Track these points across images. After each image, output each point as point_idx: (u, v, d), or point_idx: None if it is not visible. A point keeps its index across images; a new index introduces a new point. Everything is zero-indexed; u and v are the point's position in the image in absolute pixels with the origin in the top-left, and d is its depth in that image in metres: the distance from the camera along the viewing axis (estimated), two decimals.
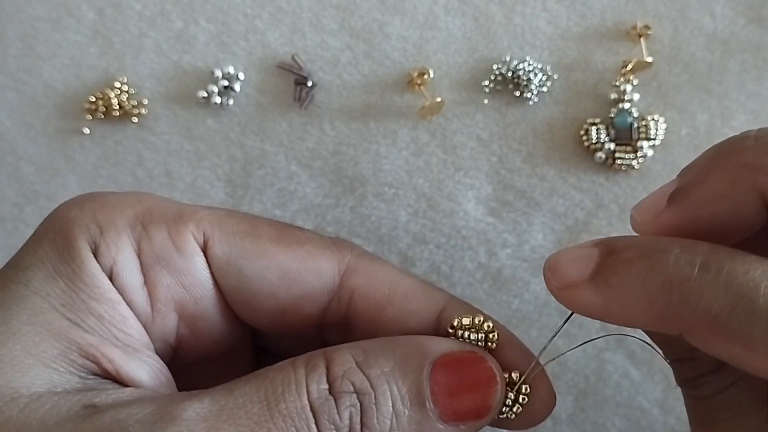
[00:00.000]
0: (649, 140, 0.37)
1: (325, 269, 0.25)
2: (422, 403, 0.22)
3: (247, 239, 0.25)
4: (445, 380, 0.22)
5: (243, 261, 0.25)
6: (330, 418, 0.21)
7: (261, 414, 0.21)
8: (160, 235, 0.24)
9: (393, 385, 0.22)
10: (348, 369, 0.22)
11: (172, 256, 0.24)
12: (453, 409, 0.22)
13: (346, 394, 0.22)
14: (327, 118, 0.38)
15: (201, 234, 0.25)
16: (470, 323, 0.24)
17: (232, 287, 0.25)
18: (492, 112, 0.38)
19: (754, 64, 0.37)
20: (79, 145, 0.39)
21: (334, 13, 0.38)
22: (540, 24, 0.38)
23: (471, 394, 0.23)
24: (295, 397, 0.21)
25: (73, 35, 0.39)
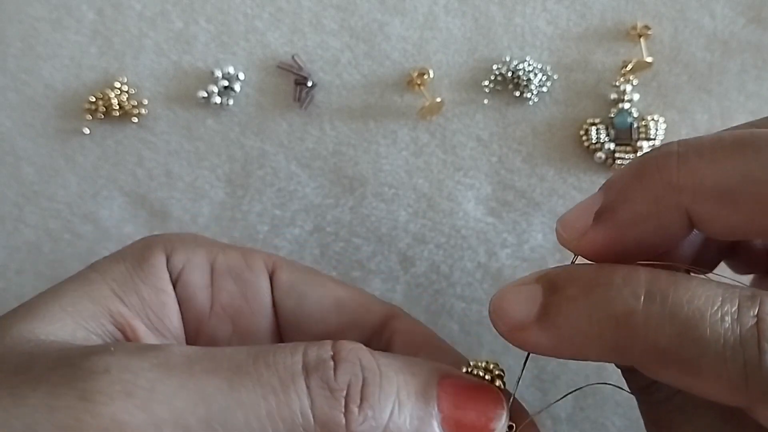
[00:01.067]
0: (649, 140, 0.37)
1: (373, 307, 0.28)
2: (428, 402, 0.22)
3: (311, 273, 0.28)
4: (453, 392, 0.22)
5: (304, 287, 0.27)
6: (324, 376, 0.21)
7: (244, 362, 0.20)
8: (235, 254, 0.27)
9: (401, 376, 0.22)
10: (359, 348, 0.22)
11: (242, 269, 0.27)
12: (456, 419, 0.22)
13: (350, 362, 0.21)
14: (327, 118, 0.38)
15: (271, 263, 0.27)
16: (485, 364, 0.24)
17: (290, 309, 0.27)
18: (492, 112, 0.38)
19: (754, 65, 0.37)
20: (79, 145, 0.39)
21: (334, 14, 0.38)
22: (540, 24, 0.38)
23: (476, 411, 0.22)
24: (288, 355, 0.21)
25: (73, 35, 0.39)
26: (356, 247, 0.38)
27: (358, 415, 0.20)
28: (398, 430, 0.21)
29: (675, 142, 0.21)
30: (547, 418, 0.38)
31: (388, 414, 0.21)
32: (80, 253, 0.39)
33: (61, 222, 0.39)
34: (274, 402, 0.20)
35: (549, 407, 0.28)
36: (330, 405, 0.20)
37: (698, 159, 0.20)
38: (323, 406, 0.20)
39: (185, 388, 0.19)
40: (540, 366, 0.38)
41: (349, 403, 0.20)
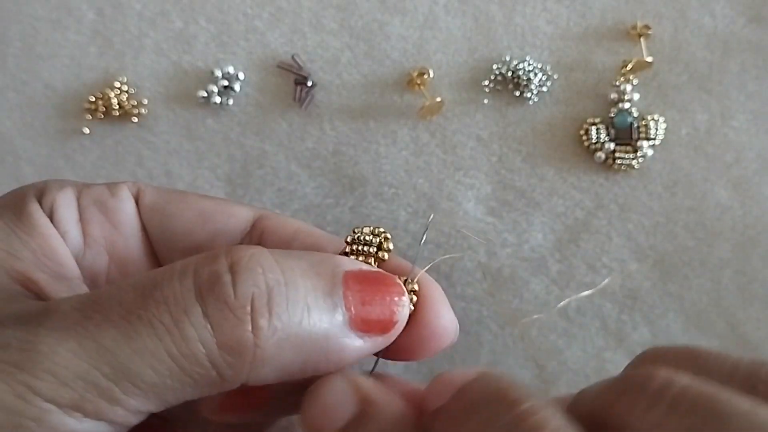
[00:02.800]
0: (649, 140, 0.37)
1: (239, 213, 0.27)
2: (335, 303, 0.21)
3: (175, 192, 0.28)
4: (357, 288, 0.22)
5: (167, 205, 0.27)
6: (222, 295, 0.19)
7: (133, 302, 0.19)
8: (99, 187, 0.27)
9: (307, 279, 0.21)
10: (258, 252, 0.20)
11: (106, 198, 0.27)
12: (362, 317, 0.21)
13: (250, 272, 0.20)
14: (327, 118, 0.38)
15: (135, 189, 0.28)
16: (370, 231, 0.25)
17: (157, 228, 0.27)
18: (492, 112, 0.38)
19: (754, 64, 0.37)
20: (78, 145, 0.39)
21: (334, 13, 0.38)
22: (540, 24, 0.38)
23: (380, 305, 0.22)
24: (176, 282, 0.19)
25: (73, 35, 0.39)
26: None
27: (268, 329, 0.19)
28: (307, 336, 0.20)
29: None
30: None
31: (298, 322, 0.20)
32: None
33: None
34: (170, 341, 0.19)
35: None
36: (233, 327, 0.19)
37: None
38: (226, 330, 0.19)
39: (84, 347, 0.19)
40: (540, 366, 0.38)
41: (256, 318, 0.19)
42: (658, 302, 0.37)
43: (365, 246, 0.24)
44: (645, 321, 0.38)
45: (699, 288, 0.37)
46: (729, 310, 0.37)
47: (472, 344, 0.38)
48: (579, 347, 0.38)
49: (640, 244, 0.37)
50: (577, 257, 0.38)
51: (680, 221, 0.37)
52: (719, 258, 0.37)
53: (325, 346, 0.21)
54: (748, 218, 0.37)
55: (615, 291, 0.38)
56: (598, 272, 0.38)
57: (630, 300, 0.38)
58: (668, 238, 0.37)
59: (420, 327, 0.24)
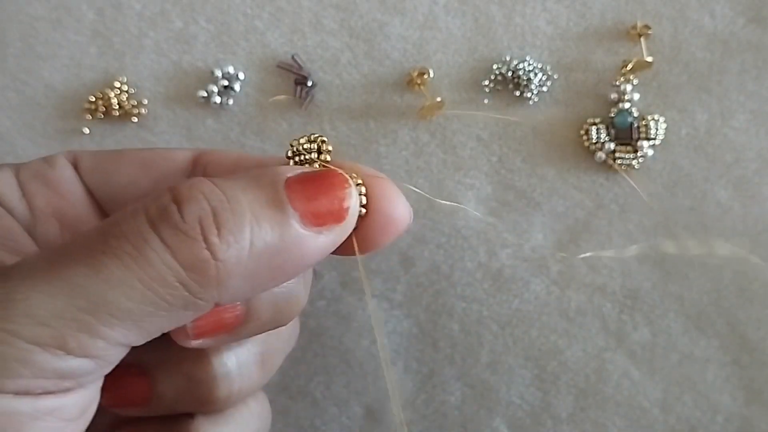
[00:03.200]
0: (649, 140, 0.37)
1: (178, 155, 0.28)
2: (281, 207, 0.21)
3: (112, 152, 0.28)
4: (300, 188, 0.22)
5: (106, 163, 0.28)
6: (172, 222, 0.20)
7: (95, 241, 0.20)
8: (36, 162, 0.28)
9: (249, 193, 0.21)
10: (195, 182, 0.21)
11: (45, 170, 0.27)
12: (312, 212, 0.22)
13: (193, 199, 0.21)
14: (327, 118, 0.38)
15: (72, 156, 0.28)
16: (307, 140, 0.25)
17: (101, 188, 0.27)
18: (492, 112, 0.38)
19: (754, 64, 0.37)
20: (78, 145, 0.39)
21: (333, 13, 0.38)
22: (540, 24, 0.38)
23: (327, 196, 0.22)
24: (129, 219, 0.21)
25: (73, 35, 0.39)
26: None
27: (221, 244, 0.20)
28: (264, 243, 0.21)
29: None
30: (548, 418, 0.38)
31: (249, 231, 0.21)
32: None
33: None
34: (137, 267, 0.20)
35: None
36: (189, 246, 0.20)
37: None
38: (184, 251, 0.20)
39: (56, 286, 0.19)
40: (540, 366, 0.38)
41: (207, 236, 0.20)
42: (659, 302, 0.37)
43: (306, 154, 0.24)
44: (645, 321, 0.38)
45: (699, 288, 0.37)
46: (729, 311, 0.37)
47: (472, 344, 0.38)
48: (579, 347, 0.38)
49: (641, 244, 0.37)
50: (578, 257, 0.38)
51: (681, 221, 0.37)
52: (720, 258, 0.37)
53: (285, 249, 0.21)
54: (748, 218, 0.37)
55: (615, 291, 0.38)
56: (599, 272, 0.38)
57: (630, 300, 0.38)
58: (669, 239, 0.37)
59: (374, 214, 0.24)
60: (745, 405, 0.37)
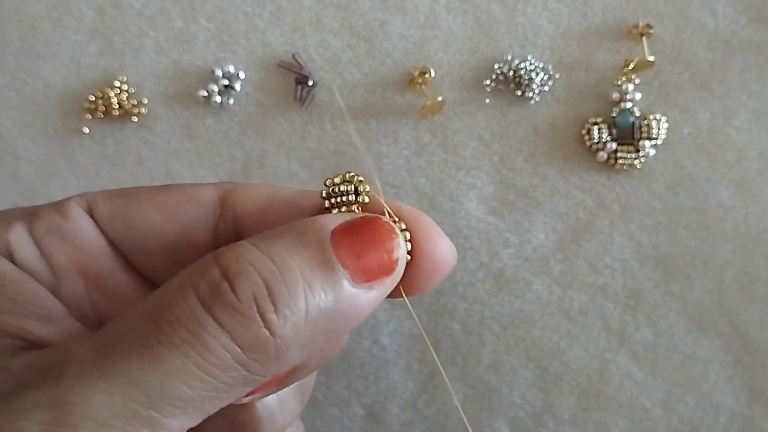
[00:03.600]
0: (651, 140, 0.37)
1: (204, 196, 0.26)
2: (331, 267, 0.21)
3: (128, 195, 0.26)
4: (348, 242, 0.21)
5: (126, 209, 0.26)
6: (227, 303, 0.19)
7: (147, 329, 0.19)
8: (47, 212, 0.26)
9: (297, 257, 0.21)
10: (242, 251, 0.21)
11: (60, 223, 0.26)
12: (362, 268, 0.21)
13: (243, 273, 0.20)
14: (328, 118, 0.38)
15: (85, 202, 0.26)
16: (342, 179, 0.24)
17: (123, 238, 0.26)
18: (493, 112, 0.38)
19: (756, 64, 0.37)
20: (78, 145, 0.39)
21: (334, 12, 0.38)
22: (541, 23, 0.38)
23: (376, 250, 0.22)
24: (180, 300, 0.20)
25: (72, 34, 0.39)
26: None
27: (279, 320, 0.20)
28: (319, 310, 0.20)
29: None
30: (550, 418, 0.38)
31: (304, 302, 0.20)
32: None
33: None
34: (196, 355, 0.19)
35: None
36: (248, 327, 0.20)
37: None
38: (242, 332, 0.19)
39: (114, 384, 0.19)
40: (542, 366, 0.38)
41: (264, 314, 0.20)
42: (661, 303, 0.37)
43: (343, 196, 0.24)
44: (647, 321, 0.37)
45: (701, 288, 0.37)
46: (731, 311, 0.37)
47: (474, 345, 0.38)
48: (581, 348, 0.38)
49: (643, 244, 0.37)
50: (579, 257, 0.38)
51: (682, 221, 0.37)
52: (721, 258, 0.37)
53: (339, 311, 0.21)
54: (750, 218, 0.37)
55: (617, 291, 0.38)
56: (601, 272, 0.37)
57: (632, 300, 0.37)
58: (670, 238, 0.37)
59: (420, 259, 0.23)
60: (747, 405, 0.37)
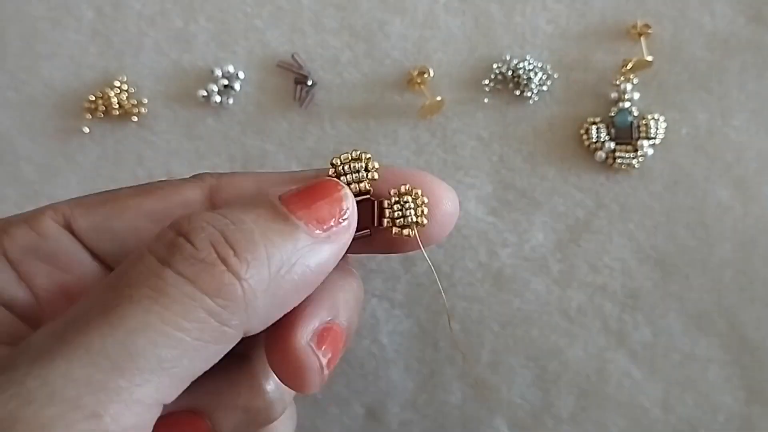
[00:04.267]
0: (650, 139, 0.37)
1: (190, 197, 0.25)
2: (285, 218, 0.21)
3: (108, 203, 0.25)
4: (296, 199, 0.22)
5: (110, 222, 0.24)
6: (185, 253, 0.19)
7: (105, 298, 0.18)
8: (21, 230, 0.24)
9: (249, 213, 0.21)
10: (194, 213, 0.21)
11: (36, 243, 0.23)
12: (315, 218, 0.21)
13: (198, 227, 0.20)
14: (327, 118, 0.38)
15: (61, 216, 0.24)
16: (349, 158, 0.24)
17: (110, 251, 0.24)
18: (492, 112, 0.38)
19: (754, 64, 0.37)
20: (78, 145, 0.39)
21: (334, 12, 0.38)
22: (540, 23, 0.38)
23: (324, 201, 0.22)
24: (139, 263, 0.19)
25: (72, 34, 0.39)
26: None
27: (241, 263, 0.19)
28: (280, 256, 0.20)
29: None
30: (549, 417, 0.38)
31: (263, 249, 0.20)
32: None
33: None
34: (159, 308, 0.18)
35: None
36: (210, 272, 0.19)
37: None
38: (205, 278, 0.19)
39: (71, 359, 0.17)
40: (541, 366, 0.38)
41: (225, 258, 0.19)
42: (659, 302, 0.37)
43: (352, 174, 0.24)
44: (646, 321, 0.37)
45: (700, 288, 0.37)
46: (730, 310, 0.37)
47: (473, 344, 0.38)
48: (580, 347, 0.38)
49: (641, 243, 0.37)
50: (578, 257, 0.38)
51: (681, 221, 0.37)
52: (720, 257, 0.37)
53: (302, 259, 0.21)
54: (748, 218, 0.37)
55: (616, 291, 0.38)
56: (599, 272, 0.38)
57: (631, 300, 0.38)
58: (669, 238, 0.37)
59: (432, 213, 0.24)
60: (746, 404, 0.37)
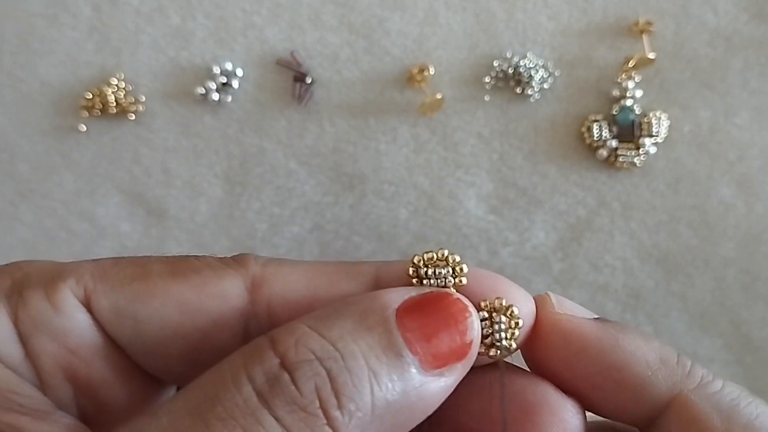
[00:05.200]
0: (652, 137, 0.36)
1: (229, 290, 0.22)
2: (398, 353, 0.19)
3: (136, 282, 0.22)
4: (415, 324, 0.19)
5: (134, 306, 0.22)
6: (287, 397, 0.17)
7: (193, 428, 0.17)
8: (36, 298, 0.21)
9: (361, 342, 0.18)
10: (301, 335, 0.18)
11: (50, 318, 0.21)
12: (432, 353, 0.19)
13: (305, 362, 0.18)
14: (326, 115, 0.38)
15: (82, 289, 0.22)
16: (434, 258, 0.21)
17: (129, 339, 0.22)
18: (493, 109, 0.38)
19: (757, 61, 0.36)
20: (75, 143, 0.39)
21: (333, 9, 0.38)
22: (541, 20, 0.37)
23: (447, 332, 0.19)
24: (234, 392, 0.17)
25: (69, 31, 0.39)
26: (356, 246, 0.38)
27: (343, 417, 0.18)
28: (386, 403, 0.18)
29: None
30: None
31: (370, 395, 0.18)
32: (76, 251, 0.38)
33: (57, 220, 0.38)
34: None
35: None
36: (310, 424, 0.17)
37: None
38: (304, 431, 0.17)
39: None
40: None
41: (327, 410, 0.18)
42: (662, 301, 0.37)
43: (437, 279, 0.21)
44: (648, 320, 0.37)
45: (702, 286, 0.37)
46: (733, 309, 0.37)
47: None
48: None
49: (643, 242, 0.37)
50: (580, 256, 0.37)
51: (683, 219, 0.37)
52: (723, 256, 0.37)
53: (407, 403, 0.19)
54: (751, 216, 0.36)
55: (618, 290, 0.37)
56: (601, 271, 0.37)
57: (633, 299, 0.37)
58: (671, 237, 0.37)
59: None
60: None
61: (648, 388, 0.21)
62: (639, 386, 0.21)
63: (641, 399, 0.21)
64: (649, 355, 0.21)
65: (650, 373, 0.21)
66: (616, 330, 0.21)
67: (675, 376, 0.21)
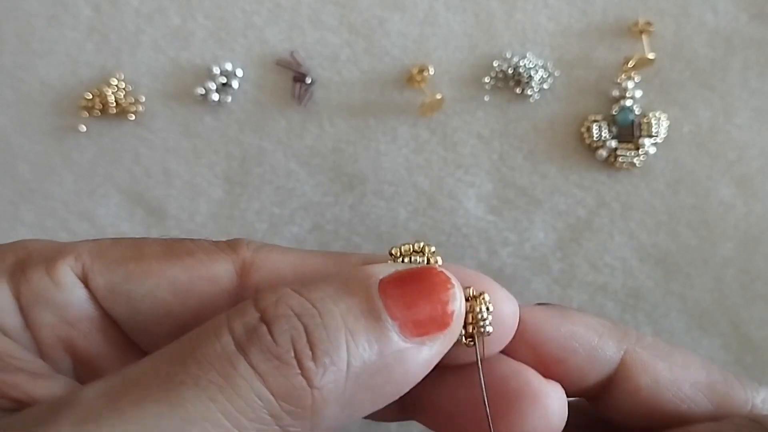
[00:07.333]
0: (651, 137, 0.36)
1: (219, 273, 0.23)
2: (377, 317, 0.19)
3: (131, 262, 0.23)
4: (397, 292, 0.20)
5: (128, 285, 0.23)
6: (263, 346, 0.18)
7: (170, 371, 0.17)
8: (38, 274, 0.22)
9: (340, 303, 0.19)
10: (283, 294, 0.19)
11: (50, 292, 0.22)
12: (413, 320, 0.19)
13: (282, 317, 0.18)
14: (326, 115, 0.38)
15: (80, 266, 0.23)
16: (410, 249, 0.22)
17: (123, 315, 0.23)
18: (493, 109, 0.38)
19: (757, 61, 0.36)
20: (75, 143, 0.39)
21: (333, 9, 0.38)
22: (541, 20, 0.37)
23: (429, 301, 0.20)
24: (213, 339, 0.18)
25: (69, 31, 0.39)
26: (356, 246, 0.38)
27: (317, 368, 0.18)
28: (362, 363, 0.19)
29: None
30: None
31: (345, 351, 0.18)
32: None
33: (57, 220, 0.39)
34: (224, 400, 0.17)
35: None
36: (284, 373, 0.18)
37: None
38: (277, 378, 0.18)
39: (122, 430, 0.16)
40: None
41: (301, 360, 0.18)
42: (661, 301, 0.37)
43: (412, 256, 0.22)
44: (648, 320, 0.37)
45: (702, 287, 0.37)
46: (732, 309, 0.37)
47: None
48: None
49: (643, 242, 0.37)
50: (579, 256, 0.37)
51: (683, 219, 0.37)
52: (722, 256, 0.37)
53: (386, 367, 0.19)
54: (751, 216, 0.36)
55: (617, 290, 0.37)
56: (600, 271, 0.37)
57: (632, 299, 0.37)
58: (671, 237, 0.37)
59: (498, 325, 0.22)
60: None
61: (600, 352, 0.23)
62: (592, 351, 0.23)
63: (596, 363, 0.23)
64: (593, 323, 0.23)
65: (598, 337, 0.23)
66: (559, 310, 0.23)
67: (619, 335, 0.23)
